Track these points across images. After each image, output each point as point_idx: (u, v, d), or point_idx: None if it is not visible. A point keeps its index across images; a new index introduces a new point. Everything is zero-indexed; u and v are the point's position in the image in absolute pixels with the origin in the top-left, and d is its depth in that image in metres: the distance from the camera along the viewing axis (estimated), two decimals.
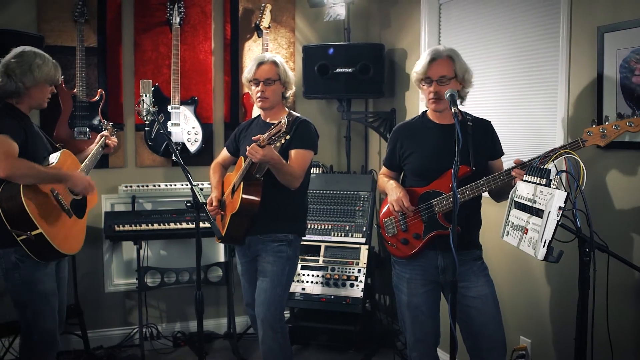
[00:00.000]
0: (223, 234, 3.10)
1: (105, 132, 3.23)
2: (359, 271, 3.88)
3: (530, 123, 3.19)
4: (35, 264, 2.70)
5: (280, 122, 2.66)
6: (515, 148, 3.09)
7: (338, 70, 4.08)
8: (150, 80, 2.81)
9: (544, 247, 2.13)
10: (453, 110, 2.41)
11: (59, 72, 2.88)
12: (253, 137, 2.80)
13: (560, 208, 2.11)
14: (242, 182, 2.93)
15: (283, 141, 2.72)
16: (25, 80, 2.72)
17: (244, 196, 2.91)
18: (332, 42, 4.41)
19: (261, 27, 4.21)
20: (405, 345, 4.07)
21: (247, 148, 2.76)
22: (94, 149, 3.13)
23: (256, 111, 4.23)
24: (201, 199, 2.47)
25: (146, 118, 2.80)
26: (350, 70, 4.06)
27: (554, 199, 2.12)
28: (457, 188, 2.50)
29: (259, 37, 4.32)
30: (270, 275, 3.00)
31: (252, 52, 4.35)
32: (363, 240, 3.97)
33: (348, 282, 3.87)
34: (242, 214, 2.93)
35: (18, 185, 2.61)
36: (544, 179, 2.24)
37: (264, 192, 2.93)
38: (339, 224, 4.06)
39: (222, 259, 4.34)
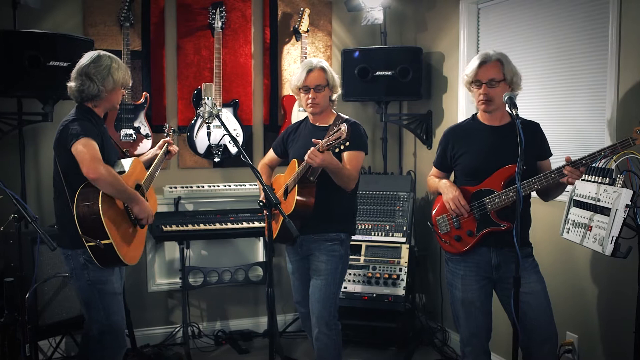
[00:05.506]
0: (275, 235, 3.18)
1: (168, 139, 3.25)
2: (400, 269, 3.96)
3: (576, 126, 3.26)
4: None
5: (340, 129, 2.73)
6: (560, 152, 3.16)
7: (378, 73, 4.15)
8: (212, 84, 2.90)
9: (611, 243, 2.22)
10: (513, 112, 2.51)
11: (129, 76, 2.95)
12: (313, 140, 2.87)
13: (627, 206, 2.20)
14: (296, 185, 3.01)
15: (342, 147, 2.78)
16: (106, 84, 2.77)
17: (299, 198, 2.99)
18: (368, 45, 4.50)
19: (300, 31, 4.29)
20: (444, 343, 4.18)
21: (307, 152, 2.83)
22: (158, 154, 3.15)
23: (295, 113, 4.33)
24: (273, 199, 2.53)
25: (208, 120, 2.87)
26: (389, 73, 4.14)
27: (621, 197, 2.21)
28: (508, 187, 2.62)
29: (297, 40, 4.41)
30: (325, 273, 3.09)
31: (291, 55, 4.43)
32: (404, 239, 4.04)
33: (390, 281, 3.94)
34: (296, 215, 2.99)
35: (97, 192, 2.61)
36: (607, 178, 2.33)
37: (317, 193, 3.01)
38: (380, 223, 4.14)
39: (261, 258, 4.41)
